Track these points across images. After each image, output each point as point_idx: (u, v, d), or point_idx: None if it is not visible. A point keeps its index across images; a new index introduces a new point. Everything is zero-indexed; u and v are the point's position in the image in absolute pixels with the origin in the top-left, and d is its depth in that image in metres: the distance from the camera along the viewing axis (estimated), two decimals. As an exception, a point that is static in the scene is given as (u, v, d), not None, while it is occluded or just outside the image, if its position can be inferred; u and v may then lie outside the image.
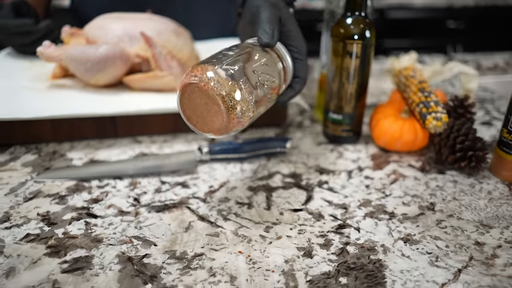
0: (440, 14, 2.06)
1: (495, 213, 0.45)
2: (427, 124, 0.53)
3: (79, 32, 0.69)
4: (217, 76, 0.36)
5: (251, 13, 0.48)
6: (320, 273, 0.37)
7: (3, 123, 0.55)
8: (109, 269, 0.37)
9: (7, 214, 0.44)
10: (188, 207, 0.46)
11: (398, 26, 2.05)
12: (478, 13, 2.08)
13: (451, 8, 2.06)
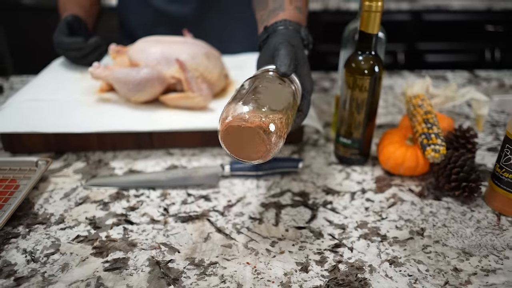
0: (478, 17, 2.03)
1: (479, 241, 0.50)
2: (426, 155, 0.58)
3: (124, 49, 0.79)
4: (248, 111, 0.40)
5: (273, 48, 0.54)
6: (313, 287, 0.44)
7: (60, 135, 0.65)
8: (141, 271, 0.46)
9: (62, 216, 0.54)
10: (208, 219, 0.54)
11: (435, 28, 2.03)
12: (519, 17, 2.03)
13: (490, 11, 2.02)
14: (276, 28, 0.58)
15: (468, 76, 1.05)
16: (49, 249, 0.49)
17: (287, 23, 0.58)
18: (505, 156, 0.53)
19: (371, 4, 0.55)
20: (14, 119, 0.66)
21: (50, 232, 0.51)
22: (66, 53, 0.85)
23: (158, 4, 0.91)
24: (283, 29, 0.57)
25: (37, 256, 0.47)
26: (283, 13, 0.62)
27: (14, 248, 0.49)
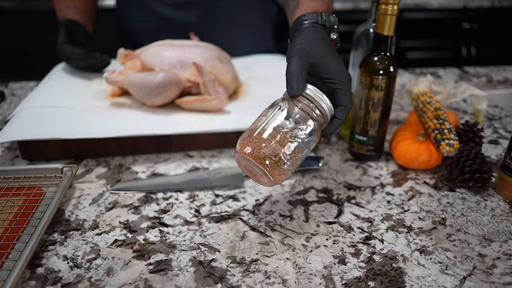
0: (455, 15, 2.11)
1: (496, 228, 0.54)
2: (441, 149, 0.61)
3: (133, 53, 0.79)
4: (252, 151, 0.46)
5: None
6: (353, 278, 0.46)
7: (79, 140, 0.65)
8: (186, 271, 0.47)
9: (95, 222, 0.54)
10: (240, 219, 0.55)
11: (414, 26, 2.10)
12: (493, 15, 2.13)
13: (466, 9, 2.10)
14: (294, 32, 0.57)
15: (458, 72, 1.10)
16: (89, 254, 0.49)
17: (302, 21, 0.56)
18: (516, 148, 0.57)
19: (387, 7, 0.58)
20: (31, 126, 0.66)
21: (87, 238, 0.52)
22: (69, 62, 0.85)
23: (163, 12, 0.91)
24: (298, 31, 0.56)
25: (79, 262, 0.48)
26: (298, 10, 0.60)
27: (54, 255, 0.49)
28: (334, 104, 0.52)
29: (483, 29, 2.14)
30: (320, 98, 0.50)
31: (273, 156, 0.45)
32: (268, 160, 0.45)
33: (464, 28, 2.13)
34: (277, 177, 0.47)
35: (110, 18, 1.14)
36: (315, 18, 0.56)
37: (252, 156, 0.46)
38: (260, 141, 0.46)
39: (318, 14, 0.56)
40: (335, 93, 0.52)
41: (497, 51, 2.20)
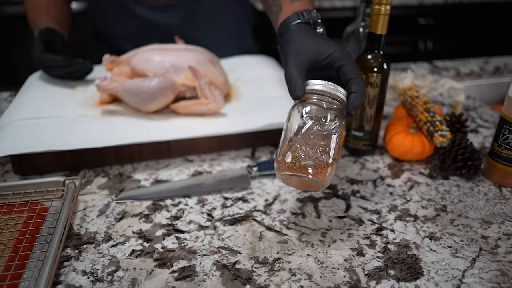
0: (411, 12, 2.21)
1: (492, 211, 0.58)
2: (435, 140, 0.65)
3: (119, 59, 0.77)
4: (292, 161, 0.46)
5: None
6: (374, 268, 0.48)
7: (75, 151, 0.63)
8: (211, 275, 0.47)
9: (107, 233, 0.53)
10: (254, 219, 0.56)
11: (374, 23, 2.18)
12: (446, 11, 2.25)
13: (422, 5, 2.21)
14: (282, 36, 0.57)
15: (429, 67, 1.16)
16: (109, 267, 0.48)
17: (286, 24, 0.57)
18: (503, 135, 0.61)
19: (380, 7, 0.61)
20: (22, 139, 0.63)
21: (102, 251, 0.50)
22: (49, 70, 0.81)
23: (144, 14, 0.89)
24: (285, 35, 0.56)
25: (100, 276, 0.47)
26: (281, 13, 0.60)
27: (71, 271, 0.47)
28: (346, 81, 0.51)
29: (438, 24, 2.26)
30: (329, 87, 0.49)
31: (315, 163, 0.46)
32: (310, 168, 0.46)
33: (420, 23, 2.24)
34: (327, 177, 0.47)
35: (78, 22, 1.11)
36: (298, 18, 0.57)
37: (295, 171, 0.46)
38: (294, 154, 0.46)
39: (299, 13, 0.57)
40: (341, 70, 0.52)
41: (451, 45, 2.33)
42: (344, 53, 0.53)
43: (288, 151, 0.47)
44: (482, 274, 0.48)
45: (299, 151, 0.46)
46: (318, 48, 0.52)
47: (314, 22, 0.58)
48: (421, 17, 2.23)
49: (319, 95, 0.50)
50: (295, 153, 0.46)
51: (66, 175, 0.64)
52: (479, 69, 1.14)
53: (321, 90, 0.49)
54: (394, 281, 0.47)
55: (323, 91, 0.49)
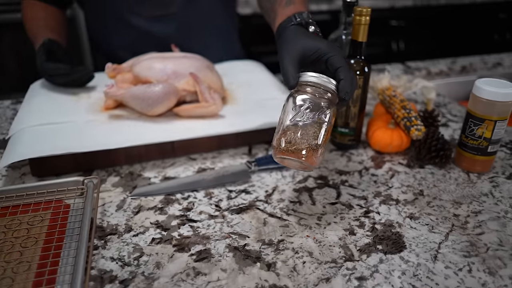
0: (384, 14, 2.33)
1: (462, 193, 0.67)
2: (411, 134, 0.74)
3: (120, 67, 0.83)
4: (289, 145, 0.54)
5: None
6: (364, 244, 0.56)
7: (89, 153, 0.69)
8: (225, 256, 0.54)
9: (128, 225, 0.59)
10: (257, 208, 0.63)
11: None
12: (416, 13, 2.38)
13: (393, 8, 2.33)
14: (278, 40, 0.65)
15: (402, 67, 1.26)
16: (134, 253, 0.54)
17: (281, 28, 0.64)
18: (469, 128, 0.70)
19: (360, 18, 0.69)
20: (40, 143, 0.68)
21: (125, 240, 0.56)
22: (52, 79, 0.86)
23: (141, 25, 0.95)
24: (281, 37, 0.64)
25: (127, 261, 0.53)
26: (277, 19, 0.68)
27: (100, 258, 0.53)
28: (334, 71, 0.57)
29: (409, 25, 2.38)
30: (321, 79, 0.55)
31: (305, 147, 0.53)
32: (304, 151, 0.53)
33: (392, 25, 2.36)
34: (316, 160, 0.54)
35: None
36: (290, 21, 0.64)
37: (288, 155, 0.54)
38: (287, 139, 0.54)
39: (292, 16, 0.64)
40: (328, 62, 0.57)
41: (421, 45, 2.46)
42: (330, 46, 0.59)
43: (282, 137, 0.54)
44: (455, 245, 0.56)
45: (291, 137, 0.54)
46: (307, 44, 0.59)
47: (305, 22, 0.65)
48: (393, 19, 2.35)
49: (311, 86, 0.56)
50: (288, 138, 0.54)
51: (80, 175, 0.70)
52: (447, 68, 1.25)
53: (313, 82, 0.55)
54: (382, 254, 0.55)
55: (315, 82, 0.55)
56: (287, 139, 0.54)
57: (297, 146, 0.53)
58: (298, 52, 0.59)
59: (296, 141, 0.53)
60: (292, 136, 0.54)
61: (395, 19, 2.34)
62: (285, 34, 0.63)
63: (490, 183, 0.70)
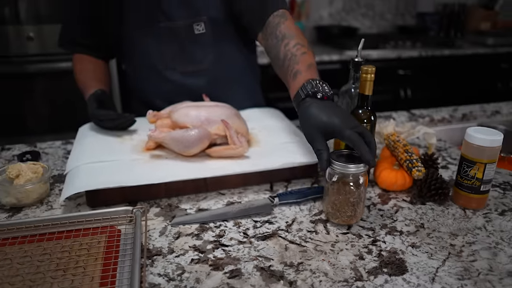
0: (392, 64, 2.49)
1: (458, 226, 0.77)
2: (413, 174, 0.85)
3: (160, 114, 0.96)
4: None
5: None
6: (372, 267, 0.66)
7: (135, 187, 0.81)
8: (254, 274, 0.64)
9: (170, 248, 0.70)
10: (280, 236, 0.74)
11: (359, 74, 2.44)
12: (422, 63, 2.53)
13: (400, 58, 2.49)
14: (297, 107, 0.82)
15: (407, 114, 1.38)
16: (177, 271, 0.65)
17: (297, 100, 0.82)
18: (463, 169, 0.81)
19: (366, 75, 0.82)
20: (95, 178, 0.80)
21: (169, 260, 0.67)
22: (101, 123, 1.00)
23: (177, 79, 1.10)
24: (299, 110, 0.81)
25: (172, 277, 0.63)
26: (291, 89, 0.86)
27: (149, 274, 0.64)
28: (352, 146, 0.72)
29: (415, 74, 2.54)
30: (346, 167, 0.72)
31: (350, 215, 0.73)
32: (348, 218, 0.74)
33: (400, 74, 2.52)
34: (356, 219, 0.75)
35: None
36: (299, 97, 0.81)
37: (333, 219, 0.75)
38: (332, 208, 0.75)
39: (299, 91, 0.81)
40: (345, 139, 0.73)
41: (427, 92, 2.60)
42: (343, 119, 0.74)
43: (328, 205, 0.75)
44: (450, 270, 0.66)
45: (334, 206, 0.74)
46: (323, 124, 0.75)
47: (313, 92, 0.79)
48: (400, 69, 2.51)
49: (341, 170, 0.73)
50: (331, 207, 0.75)
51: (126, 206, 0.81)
52: (449, 116, 1.37)
53: (342, 172, 0.73)
54: (387, 276, 0.64)
55: (344, 173, 0.73)
56: (329, 206, 0.75)
57: (339, 213, 0.74)
58: (319, 132, 0.76)
59: (337, 210, 0.75)
60: (334, 205, 0.74)
61: (402, 69, 2.50)
62: (301, 110, 0.80)
63: (483, 218, 0.80)
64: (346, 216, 0.74)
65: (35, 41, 2.07)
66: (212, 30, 1.08)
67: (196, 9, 1.06)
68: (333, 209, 0.75)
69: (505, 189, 0.91)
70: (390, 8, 3.03)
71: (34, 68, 2.11)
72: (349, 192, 0.73)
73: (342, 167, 0.72)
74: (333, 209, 0.75)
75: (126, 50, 1.13)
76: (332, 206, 0.75)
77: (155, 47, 1.09)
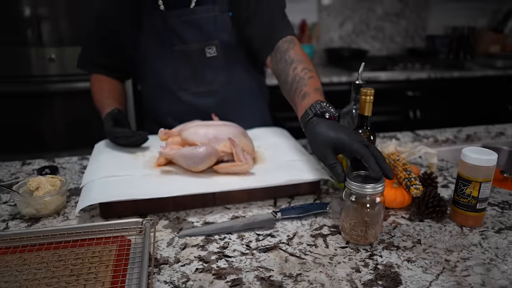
0: (400, 86, 2.53)
1: (454, 243, 0.79)
2: (411, 192, 0.88)
3: (171, 132, 1.02)
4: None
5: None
6: (367, 280, 0.69)
7: (146, 200, 0.86)
8: (254, 284, 0.68)
9: (176, 258, 0.74)
10: (280, 249, 0.77)
11: (368, 95, 2.48)
12: (431, 84, 2.57)
13: (409, 80, 2.53)
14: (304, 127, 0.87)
15: (412, 135, 1.41)
16: (182, 279, 0.69)
17: (304, 120, 0.87)
18: (460, 188, 0.84)
19: (366, 97, 0.86)
20: (108, 191, 0.86)
21: (175, 269, 0.71)
22: (116, 140, 1.06)
23: (189, 99, 1.17)
24: (306, 129, 0.86)
25: (177, 284, 0.67)
26: (298, 111, 0.91)
27: (156, 281, 0.68)
28: (361, 159, 0.76)
29: (425, 96, 2.57)
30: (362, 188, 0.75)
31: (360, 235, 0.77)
32: (359, 236, 0.76)
33: (408, 95, 2.55)
34: (372, 238, 0.78)
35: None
36: (308, 115, 0.86)
37: (351, 239, 0.78)
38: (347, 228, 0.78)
39: (308, 110, 0.87)
40: (353, 153, 0.76)
41: (436, 113, 2.62)
42: (350, 135, 0.78)
43: (345, 223, 0.78)
44: (444, 284, 0.68)
45: (351, 226, 0.77)
46: (332, 140, 0.80)
47: (321, 112, 0.84)
48: (409, 90, 2.54)
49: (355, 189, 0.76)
50: (349, 227, 0.78)
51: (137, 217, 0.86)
52: (453, 137, 1.40)
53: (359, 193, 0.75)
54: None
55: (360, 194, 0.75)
56: (346, 226, 0.78)
57: (356, 232, 0.77)
58: (328, 147, 0.81)
59: (353, 229, 0.77)
60: (351, 224, 0.76)
61: (411, 90, 2.53)
62: (309, 129, 0.85)
63: (480, 236, 0.82)
64: (356, 236, 0.77)
65: (56, 62, 2.17)
66: (223, 53, 1.15)
67: (208, 34, 1.13)
68: (348, 228, 0.78)
69: (503, 208, 0.93)
70: (400, 31, 3.09)
71: (54, 88, 2.22)
72: (365, 213, 0.76)
73: (359, 187, 0.74)
74: (348, 228, 0.78)
75: (142, 71, 1.20)
76: (348, 225, 0.77)
77: (169, 68, 1.16)
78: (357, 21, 2.98)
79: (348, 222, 0.77)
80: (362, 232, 0.76)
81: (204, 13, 1.12)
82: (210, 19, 1.12)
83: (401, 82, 2.52)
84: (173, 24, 1.12)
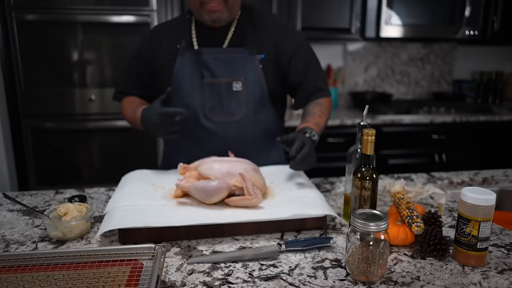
0: (424, 129, 2.54)
1: (453, 281, 0.81)
2: (412, 229, 0.90)
3: (189, 166, 1.10)
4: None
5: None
6: (361, 311, 0.72)
7: (160, 228, 0.93)
8: (252, 309, 0.72)
9: (183, 282, 0.80)
10: (281, 278, 0.81)
11: (392, 138, 2.51)
12: (456, 128, 2.56)
13: (432, 123, 2.54)
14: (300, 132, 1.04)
15: (427, 176, 1.43)
16: (186, 301, 0.74)
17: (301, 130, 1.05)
18: (460, 227, 0.86)
19: (367, 137, 0.92)
20: (127, 218, 0.93)
21: (181, 291, 0.77)
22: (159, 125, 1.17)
23: (211, 126, 1.27)
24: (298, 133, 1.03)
25: (180, 305, 0.73)
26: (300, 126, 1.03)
27: (162, 302, 0.74)
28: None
29: (450, 139, 2.56)
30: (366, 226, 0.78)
31: (370, 272, 0.79)
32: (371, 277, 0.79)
33: (433, 138, 2.55)
34: (377, 277, 0.80)
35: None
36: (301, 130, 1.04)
37: (355, 276, 0.80)
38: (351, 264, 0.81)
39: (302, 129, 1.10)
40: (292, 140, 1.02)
41: (463, 156, 2.59)
42: (297, 136, 1.09)
43: (349, 259, 0.81)
44: (436, 319, 0.70)
45: (354, 263, 0.80)
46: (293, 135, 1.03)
47: (304, 132, 1.08)
48: (433, 133, 2.55)
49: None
50: (353, 263, 0.80)
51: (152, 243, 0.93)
52: (469, 179, 1.40)
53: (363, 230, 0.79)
54: (373, 319, 0.70)
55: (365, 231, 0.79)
56: (350, 263, 0.81)
57: (360, 270, 0.80)
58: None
59: (357, 266, 0.80)
60: (355, 261, 0.80)
61: (435, 133, 2.54)
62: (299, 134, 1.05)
63: (481, 275, 0.83)
64: (358, 272, 0.79)
65: (95, 102, 2.36)
66: (248, 88, 1.27)
67: (236, 70, 1.27)
68: (354, 265, 0.79)
69: (510, 249, 0.93)
70: (426, 76, 3.13)
71: (92, 125, 2.39)
72: (369, 250, 0.78)
73: (363, 225, 0.78)
74: (354, 265, 0.79)
75: (173, 101, 1.31)
76: (353, 261, 0.80)
77: (198, 99, 1.28)
78: (381, 66, 3.05)
79: (352, 259, 0.80)
80: (365, 269, 0.79)
81: (235, 53, 1.27)
82: (240, 58, 1.27)
83: (425, 125, 2.53)
84: (206, 60, 1.26)
